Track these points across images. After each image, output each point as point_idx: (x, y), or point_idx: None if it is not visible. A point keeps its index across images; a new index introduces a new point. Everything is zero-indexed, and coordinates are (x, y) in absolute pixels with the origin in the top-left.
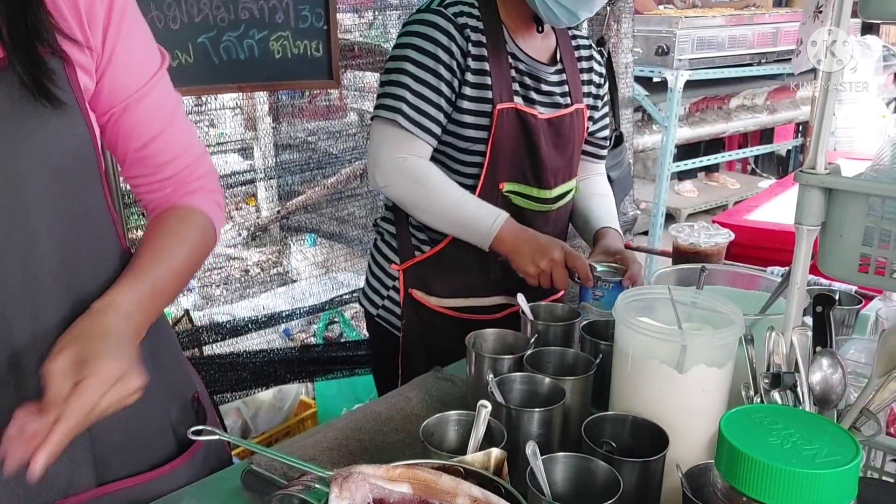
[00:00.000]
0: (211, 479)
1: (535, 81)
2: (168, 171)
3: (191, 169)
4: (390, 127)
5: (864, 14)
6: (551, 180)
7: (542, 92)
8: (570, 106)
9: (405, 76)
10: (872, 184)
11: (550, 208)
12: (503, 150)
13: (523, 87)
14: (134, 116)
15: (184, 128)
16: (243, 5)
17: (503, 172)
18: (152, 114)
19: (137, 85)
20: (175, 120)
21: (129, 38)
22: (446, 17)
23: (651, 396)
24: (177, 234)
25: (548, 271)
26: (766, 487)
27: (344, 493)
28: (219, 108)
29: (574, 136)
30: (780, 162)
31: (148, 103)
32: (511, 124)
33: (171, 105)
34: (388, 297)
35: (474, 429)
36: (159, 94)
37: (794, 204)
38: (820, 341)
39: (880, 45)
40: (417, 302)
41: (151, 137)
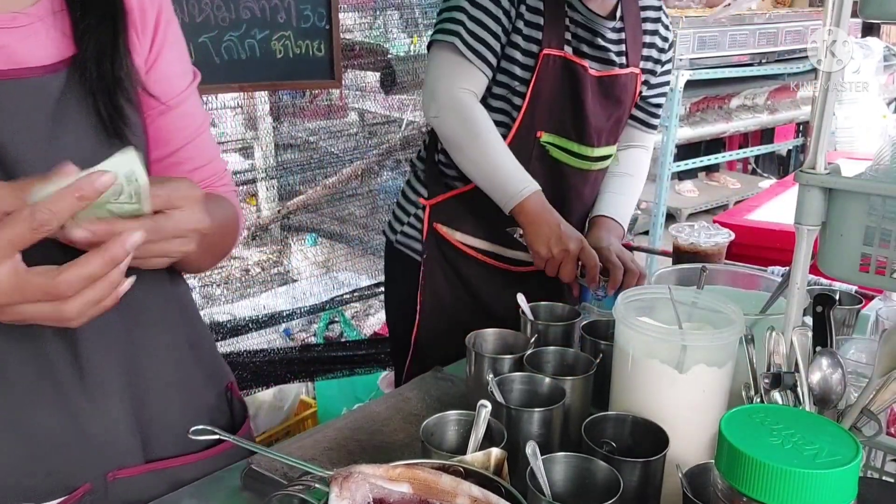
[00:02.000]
0: (211, 479)
1: (591, 34)
2: (198, 177)
3: (215, 178)
4: (448, 53)
5: (864, 14)
6: (595, 137)
7: (596, 46)
8: (625, 67)
9: (467, 2)
10: (873, 183)
11: (592, 167)
12: (543, 98)
13: (576, 38)
14: (167, 122)
15: (211, 142)
16: (245, 5)
17: (542, 121)
18: (184, 122)
19: (174, 93)
20: (203, 132)
21: (171, 49)
22: None
23: (651, 396)
24: (214, 198)
25: (558, 260)
26: (766, 487)
27: (344, 493)
28: (220, 108)
29: (626, 98)
30: (780, 162)
31: (181, 112)
32: (556, 73)
33: (201, 118)
34: (407, 224)
35: (474, 429)
36: (191, 106)
37: (794, 204)
38: (820, 341)
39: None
40: (441, 237)
41: (181, 145)
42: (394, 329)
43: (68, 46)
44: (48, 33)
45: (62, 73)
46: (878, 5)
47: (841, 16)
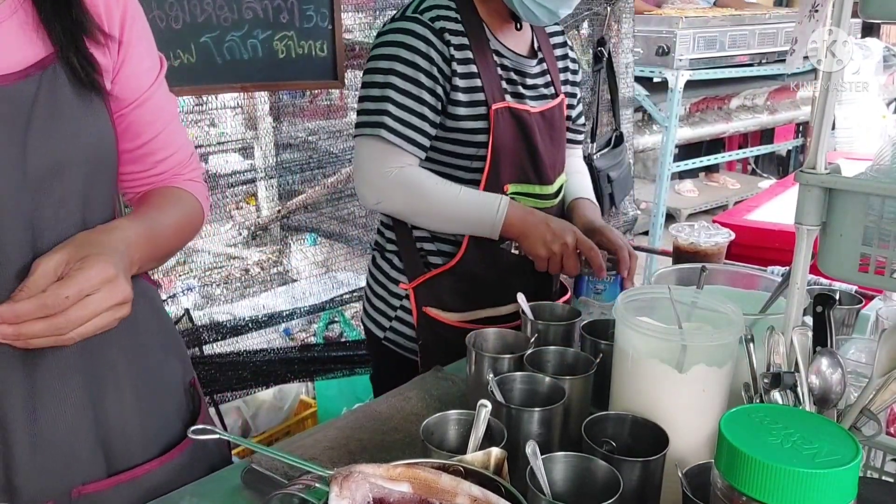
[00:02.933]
0: (211, 479)
1: (521, 76)
2: (162, 168)
3: (182, 165)
4: (375, 142)
5: (864, 14)
6: (551, 174)
7: (527, 86)
8: (555, 97)
9: (387, 89)
10: (872, 183)
11: (553, 203)
12: (504, 152)
13: (510, 83)
14: (137, 117)
15: (179, 128)
16: (247, 5)
17: (506, 174)
18: (154, 115)
19: (142, 89)
20: (172, 120)
21: (139, 45)
22: (423, 24)
23: (651, 396)
24: (172, 198)
25: (559, 255)
26: (766, 487)
27: (344, 493)
28: (219, 108)
29: (562, 126)
30: (780, 162)
31: (150, 105)
32: (507, 123)
33: (169, 107)
34: (395, 318)
35: (474, 428)
36: (160, 98)
37: (794, 204)
38: (820, 341)
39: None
40: (434, 320)
41: (151, 137)
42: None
43: (40, 47)
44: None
45: (36, 76)
46: (879, 5)
47: (841, 16)
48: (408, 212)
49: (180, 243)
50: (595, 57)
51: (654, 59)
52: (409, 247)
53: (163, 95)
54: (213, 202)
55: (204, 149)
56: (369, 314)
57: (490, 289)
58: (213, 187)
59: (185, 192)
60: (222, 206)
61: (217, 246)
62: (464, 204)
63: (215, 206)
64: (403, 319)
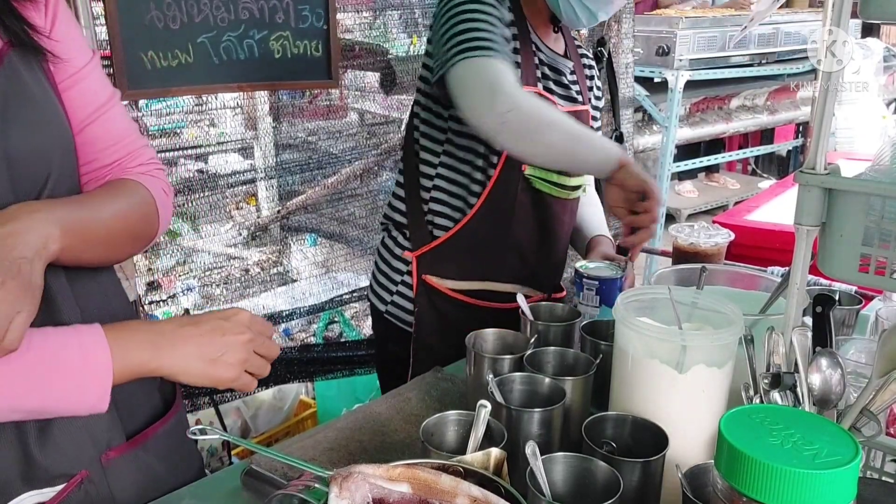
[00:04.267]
0: (211, 479)
1: (556, 73)
2: (108, 158)
3: (132, 156)
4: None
5: (864, 14)
6: None
7: (561, 84)
8: (583, 104)
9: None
10: (872, 184)
11: (570, 195)
12: None
13: (544, 77)
14: (72, 100)
15: (122, 118)
16: (243, 5)
17: None
18: (88, 98)
19: (73, 69)
20: (112, 108)
21: (65, 24)
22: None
23: (651, 396)
24: (113, 186)
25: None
26: (765, 487)
27: (343, 493)
28: (219, 108)
29: None
30: (780, 162)
31: (82, 88)
32: None
33: (106, 94)
34: (397, 292)
35: (474, 429)
36: (94, 82)
37: (794, 204)
38: (820, 341)
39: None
40: (431, 288)
41: (87, 122)
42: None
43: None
44: None
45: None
46: (879, 6)
47: (841, 16)
48: (529, 128)
49: (127, 231)
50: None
51: (654, 59)
52: (419, 217)
53: (98, 81)
54: (213, 202)
55: (204, 149)
56: (374, 289)
57: (488, 262)
58: (213, 187)
59: (131, 181)
60: (222, 206)
61: (217, 246)
62: (587, 132)
63: (215, 207)
64: (404, 294)
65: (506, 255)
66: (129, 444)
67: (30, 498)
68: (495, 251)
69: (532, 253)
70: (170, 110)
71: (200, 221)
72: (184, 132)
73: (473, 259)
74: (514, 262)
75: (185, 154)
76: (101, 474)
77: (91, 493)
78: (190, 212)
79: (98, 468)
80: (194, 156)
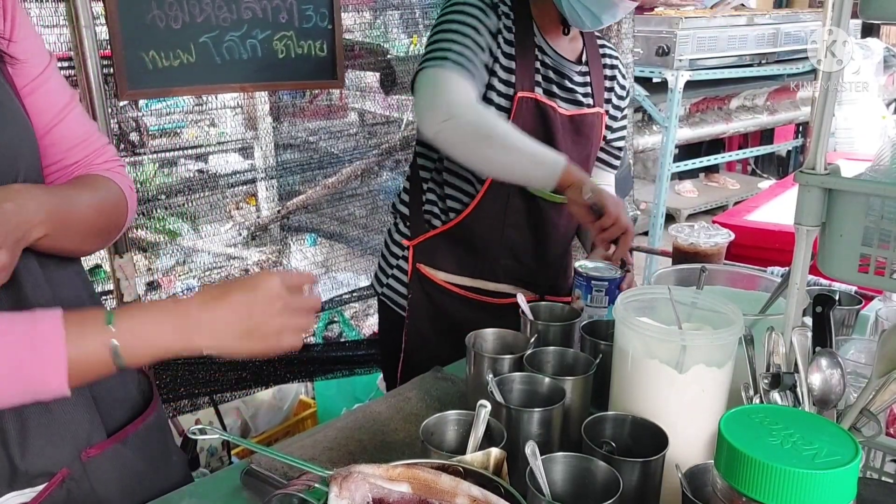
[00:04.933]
0: (211, 479)
1: (559, 77)
2: (74, 157)
3: (96, 154)
4: (441, 70)
5: (864, 14)
6: None
7: (564, 88)
8: (592, 107)
9: (451, 33)
10: (872, 184)
11: (565, 200)
12: None
13: (546, 80)
14: (35, 103)
15: (84, 118)
16: (246, 5)
17: None
18: (51, 100)
19: (35, 73)
20: (74, 109)
21: (23, 30)
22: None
23: (651, 396)
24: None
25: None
26: (765, 487)
27: (343, 493)
28: (219, 108)
29: (594, 136)
30: (780, 162)
31: (46, 90)
32: (530, 113)
33: (67, 95)
34: (392, 276)
35: (474, 428)
36: (54, 84)
37: (794, 204)
38: (820, 341)
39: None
40: (424, 277)
41: (53, 124)
42: (388, 375)
43: None
44: None
45: None
46: (879, 6)
47: (841, 16)
48: (468, 140)
49: (101, 222)
50: None
51: (654, 59)
52: (417, 209)
53: (58, 83)
54: (213, 202)
55: (204, 149)
56: (376, 273)
57: (482, 261)
58: (213, 187)
59: (101, 176)
60: (222, 206)
61: (217, 246)
62: (529, 146)
63: (215, 207)
64: (398, 277)
65: (499, 256)
66: (109, 441)
67: (12, 499)
68: (489, 251)
69: (526, 255)
70: (170, 110)
71: (200, 221)
72: (184, 132)
73: (468, 256)
74: (508, 263)
75: (185, 154)
76: (83, 472)
77: (73, 492)
78: (190, 212)
79: (79, 466)
80: (194, 156)
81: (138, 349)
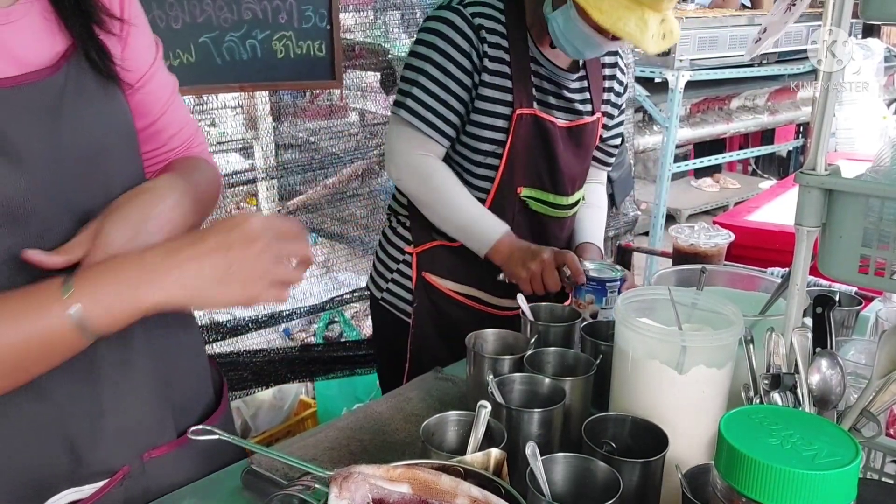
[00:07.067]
0: (211, 479)
1: (556, 87)
2: (173, 144)
3: (192, 139)
4: (400, 121)
5: (864, 15)
6: (569, 187)
7: (561, 98)
8: (591, 115)
9: (420, 75)
10: (872, 185)
11: (567, 214)
12: (520, 155)
13: (541, 91)
14: (144, 96)
15: (182, 104)
16: (246, 5)
17: (520, 177)
18: (159, 93)
19: (147, 66)
20: (175, 96)
21: (137, 21)
22: (463, 17)
23: (651, 397)
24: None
25: (538, 273)
26: (765, 488)
27: (343, 493)
28: (220, 108)
29: (592, 144)
30: (780, 163)
31: (155, 83)
32: (528, 130)
33: (171, 84)
34: (392, 280)
35: (474, 429)
36: (162, 74)
37: (794, 205)
38: (820, 342)
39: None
40: (430, 285)
41: (159, 114)
42: (384, 379)
43: (61, 38)
44: (40, 24)
45: (64, 68)
46: (879, 6)
47: (841, 16)
48: (418, 199)
49: (212, 204)
50: None
51: (655, 59)
52: (419, 214)
53: (164, 72)
54: None
55: None
56: (372, 276)
57: (486, 274)
58: None
59: (199, 158)
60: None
61: None
62: (466, 220)
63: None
64: (399, 282)
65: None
66: (173, 444)
67: (69, 495)
68: (492, 265)
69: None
70: None
71: None
72: None
73: (472, 266)
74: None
75: None
76: (142, 470)
77: (130, 489)
78: None
79: (139, 464)
80: None
81: (104, 316)
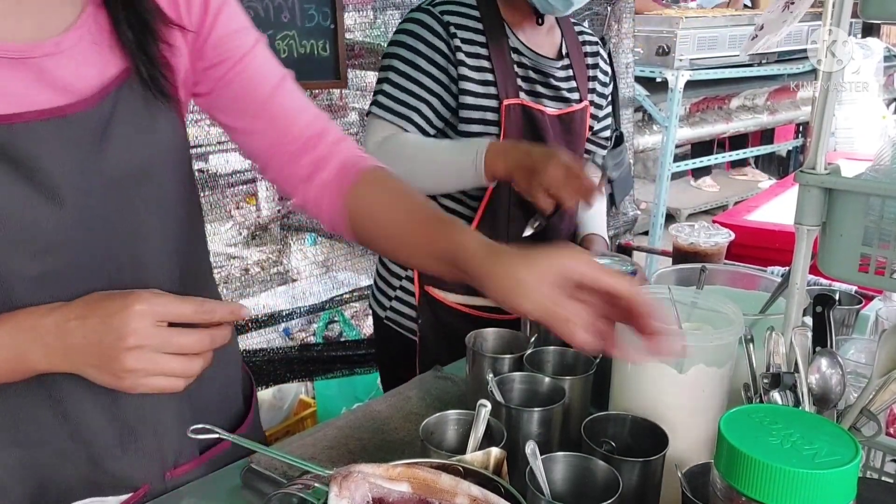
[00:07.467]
0: (211, 478)
1: (542, 76)
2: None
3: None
4: (372, 118)
5: (864, 14)
6: None
7: (549, 86)
8: (579, 102)
9: (390, 72)
10: (872, 184)
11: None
12: None
13: (528, 81)
14: (242, 80)
15: (299, 94)
16: (248, 4)
17: None
18: (258, 78)
19: (242, 50)
20: (286, 84)
21: (226, 6)
22: (432, 15)
23: (651, 396)
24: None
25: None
26: (765, 487)
27: (343, 492)
28: None
29: (583, 131)
30: (780, 162)
31: (254, 67)
32: (518, 120)
33: (279, 73)
34: (395, 298)
35: (474, 428)
36: (263, 62)
37: (794, 204)
38: (820, 341)
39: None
40: (434, 300)
41: (263, 101)
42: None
43: (115, 60)
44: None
45: (113, 93)
46: (879, 5)
47: (841, 16)
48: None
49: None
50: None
51: (655, 59)
52: None
53: (267, 60)
54: (213, 202)
55: (204, 148)
56: (374, 295)
57: None
58: (213, 187)
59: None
60: (222, 206)
61: (217, 246)
62: (445, 151)
63: (215, 206)
64: (402, 299)
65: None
66: (195, 462)
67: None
68: None
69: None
70: None
71: None
72: None
73: None
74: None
75: None
76: (164, 488)
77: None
78: None
79: (161, 482)
80: (194, 155)
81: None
